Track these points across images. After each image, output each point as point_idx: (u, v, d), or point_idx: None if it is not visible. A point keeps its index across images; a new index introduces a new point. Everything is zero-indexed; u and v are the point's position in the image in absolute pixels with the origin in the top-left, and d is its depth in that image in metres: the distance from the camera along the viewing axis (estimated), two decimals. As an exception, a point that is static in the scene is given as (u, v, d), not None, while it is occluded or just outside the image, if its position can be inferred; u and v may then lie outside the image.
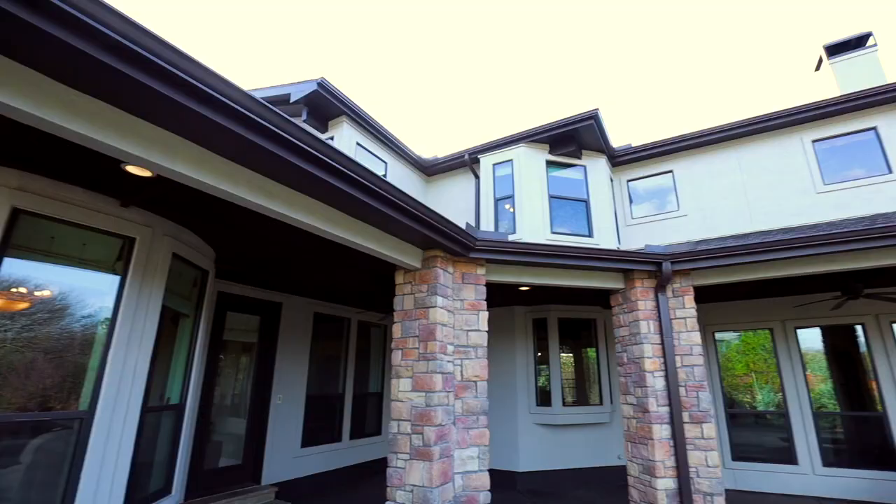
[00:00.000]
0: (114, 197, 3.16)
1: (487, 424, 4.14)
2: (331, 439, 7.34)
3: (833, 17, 37.17)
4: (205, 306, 4.35)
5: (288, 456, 6.43)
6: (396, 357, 4.13)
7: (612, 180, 8.55)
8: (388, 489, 3.88)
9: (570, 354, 8.20)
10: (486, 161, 8.30)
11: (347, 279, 6.01)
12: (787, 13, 41.37)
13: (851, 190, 7.02)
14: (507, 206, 7.78)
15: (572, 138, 7.72)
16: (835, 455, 6.84)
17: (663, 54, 48.44)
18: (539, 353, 7.80)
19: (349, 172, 2.66)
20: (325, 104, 7.01)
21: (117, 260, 3.26)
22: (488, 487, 4.02)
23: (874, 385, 6.78)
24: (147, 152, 2.06)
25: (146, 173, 2.54)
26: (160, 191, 2.96)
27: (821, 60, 8.75)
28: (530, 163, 7.80)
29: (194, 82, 1.79)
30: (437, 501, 3.68)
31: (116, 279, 3.23)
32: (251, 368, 6.42)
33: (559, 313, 7.78)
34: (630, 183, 8.79)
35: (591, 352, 8.14)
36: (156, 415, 3.68)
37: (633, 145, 8.55)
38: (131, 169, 2.51)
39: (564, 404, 7.55)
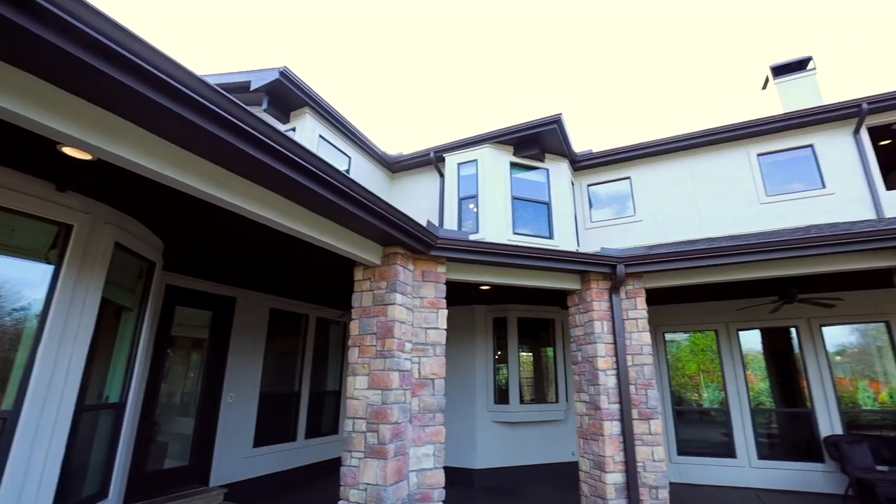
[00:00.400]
0: (49, 180, 2.95)
1: (444, 422, 4.16)
2: (285, 438, 7.16)
3: (784, 39, 39.72)
4: (150, 300, 4.14)
5: (239, 456, 6.22)
6: (353, 354, 4.08)
7: (573, 184, 8.79)
8: (342, 488, 3.83)
9: (530, 353, 8.38)
10: (452, 160, 8.33)
11: (305, 275, 5.87)
12: (742, 33, 43.85)
13: (790, 202, 7.54)
14: (472, 206, 7.84)
15: (536, 141, 7.89)
16: (769, 449, 7.32)
17: (626, 64, 50.25)
18: (499, 352, 7.92)
19: (305, 164, 2.59)
20: (287, 94, 6.82)
21: (51, 248, 3.04)
22: (443, 484, 4.04)
23: (805, 383, 7.27)
24: (85, 133, 1.94)
25: (85, 156, 2.38)
26: (102, 176, 2.79)
27: (767, 80, 9.34)
28: (495, 164, 7.90)
29: (136, 60, 1.69)
30: (390, 499, 3.66)
31: (50, 269, 3.01)
32: (202, 366, 6.15)
33: (519, 313, 7.92)
34: (590, 187, 9.08)
35: (549, 351, 8.35)
36: (92, 414, 3.47)
37: (594, 151, 8.83)
38: (68, 151, 2.35)
39: (522, 402, 7.70)
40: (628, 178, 8.76)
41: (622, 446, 4.90)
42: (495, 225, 7.49)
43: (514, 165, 8.03)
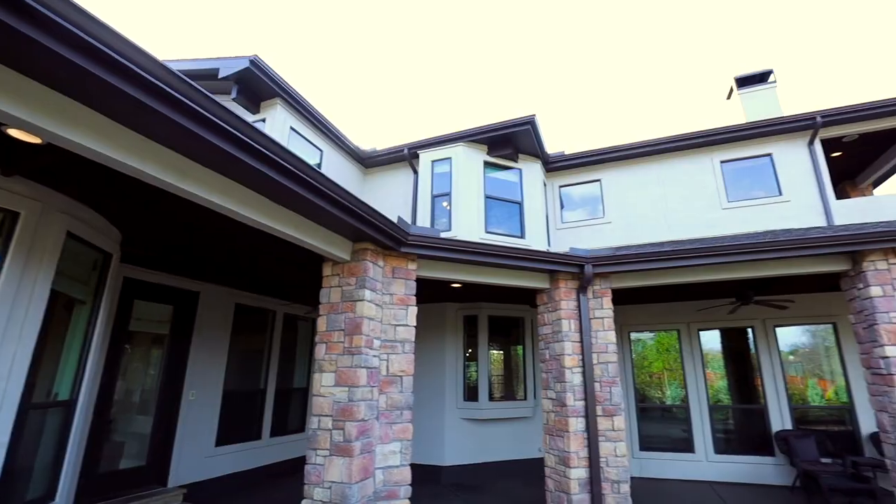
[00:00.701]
0: (-7, 164, 2.77)
1: (411, 419, 4.16)
2: (250, 437, 7.01)
3: (749, 51, 41.38)
4: (106, 293, 3.96)
5: (200, 455, 6.05)
6: (320, 351, 4.02)
7: (545, 185, 8.93)
8: (306, 487, 3.78)
9: (500, 351, 8.47)
10: (426, 157, 8.31)
11: (273, 270, 5.75)
12: (711, 43, 45.44)
13: (750, 208, 7.88)
14: (445, 204, 7.85)
15: (510, 141, 7.96)
16: (725, 443, 7.68)
17: (600, 69, 51.31)
18: (469, 350, 7.98)
19: (270, 154, 2.53)
20: (257, 84, 6.64)
21: (-5, 237, 2.86)
22: (409, 482, 4.04)
23: (759, 381, 7.63)
24: (33, 115, 1.83)
25: (34, 139, 2.25)
26: (53, 161, 2.65)
27: (732, 90, 9.72)
28: (469, 162, 7.93)
29: (89, 39, 1.61)
30: (355, 497, 3.63)
31: (-7, 258, 2.83)
32: (162, 362, 5.94)
33: (490, 311, 8.00)
34: (562, 188, 9.24)
35: (519, 349, 8.47)
36: (40, 413, 3.30)
37: (567, 153, 8.99)
38: (14, 133, 2.21)
39: (491, 399, 7.79)
40: (599, 180, 8.97)
41: (586, 442, 5.02)
42: (468, 223, 7.53)
43: (487, 164, 8.08)
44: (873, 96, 7.82)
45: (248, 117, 6.89)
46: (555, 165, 8.92)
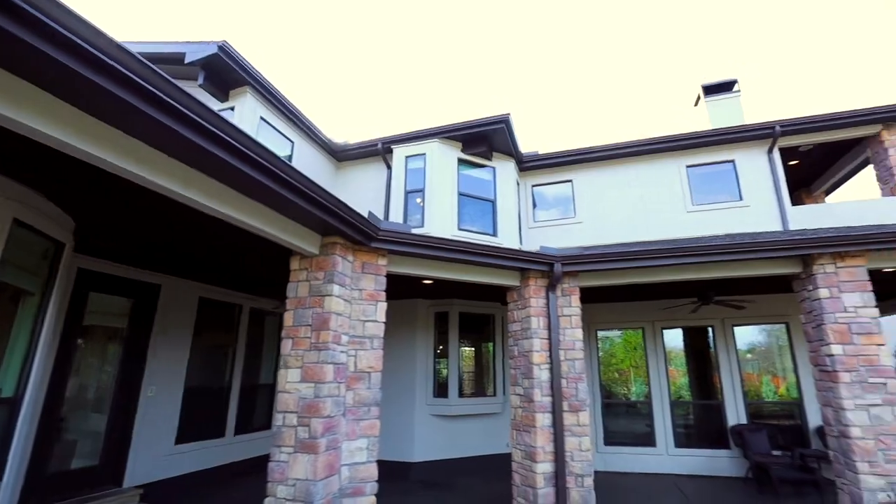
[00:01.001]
0: (-71, 144, 2.58)
1: (379, 416, 4.13)
2: (213, 434, 6.83)
3: (718, 60, 42.86)
4: (57, 284, 3.77)
5: (159, 454, 5.85)
6: (286, 346, 3.95)
7: (518, 184, 9.02)
8: (269, 484, 3.71)
9: (471, 348, 8.52)
10: (400, 152, 8.26)
11: (239, 263, 5.60)
12: (682, 51, 46.80)
13: (713, 211, 8.20)
14: (418, 200, 7.83)
15: (484, 139, 8.00)
16: (685, 438, 8.00)
17: (574, 72, 52.13)
18: (440, 347, 7.99)
19: (234, 143, 2.46)
20: (226, 71, 6.44)
21: (-69, 222, 2.67)
22: (376, 478, 4.03)
23: (717, 378, 7.93)
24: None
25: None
26: (-3, 143, 2.48)
27: (699, 97, 10.04)
28: (443, 159, 7.93)
29: (27, 7, 1.50)
30: (320, 495, 3.59)
31: (-72, 245, 2.64)
32: (119, 358, 5.70)
33: (461, 308, 8.05)
34: (535, 188, 9.37)
35: (490, 346, 8.54)
36: (-20, 410, 3.10)
37: (540, 153, 9.10)
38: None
39: (461, 396, 7.85)
40: (570, 180, 9.15)
41: (552, 437, 5.12)
42: (441, 220, 7.53)
43: (461, 162, 8.10)
44: (829, 108, 8.23)
45: (216, 105, 6.67)
46: (528, 165, 9.03)
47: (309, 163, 8.17)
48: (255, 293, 7.52)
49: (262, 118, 7.03)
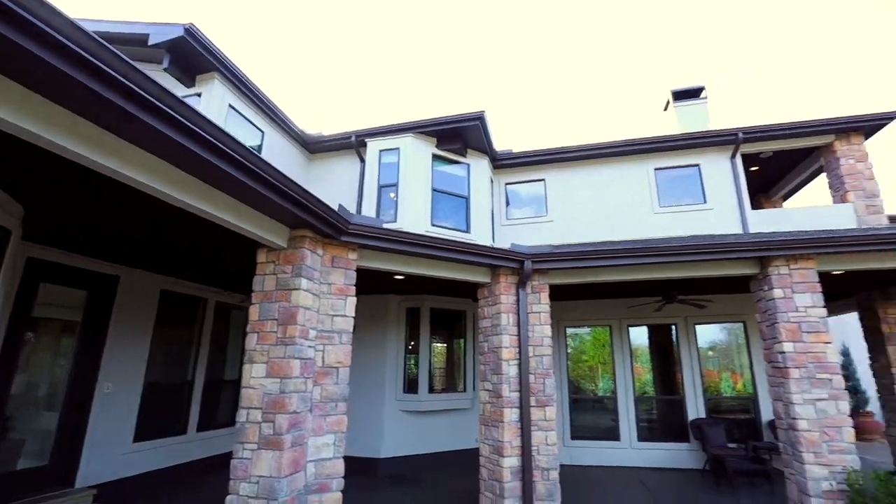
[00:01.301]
0: None
1: (346, 411, 4.10)
2: (174, 432, 6.63)
3: (687, 67, 44.24)
4: (2, 274, 3.56)
5: (115, 453, 5.64)
6: (251, 341, 3.87)
7: (492, 181, 9.08)
8: (232, 482, 3.62)
9: (443, 344, 8.55)
10: (374, 146, 8.18)
11: (203, 255, 5.43)
12: (654, 56, 48.00)
13: (679, 213, 8.48)
14: (392, 195, 7.78)
15: (459, 136, 8.02)
16: (648, 432, 8.28)
17: (549, 72, 52.77)
18: (412, 342, 7.98)
19: (196, 129, 2.37)
20: (193, 55, 6.21)
21: None
22: (342, 474, 4.00)
23: (679, 374, 8.23)
24: None
25: None
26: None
27: (668, 102, 10.34)
28: (417, 154, 7.89)
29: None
30: (284, 491, 3.54)
31: None
32: (73, 352, 5.44)
33: (433, 304, 8.07)
34: (508, 186, 9.46)
35: (461, 342, 8.59)
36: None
37: (514, 151, 9.19)
38: None
39: (432, 391, 7.89)
40: (543, 179, 9.30)
41: (520, 432, 5.20)
42: (415, 215, 7.51)
43: (436, 157, 8.10)
44: (791, 117, 8.64)
45: (182, 91, 6.42)
46: (502, 163, 9.10)
47: (280, 154, 7.99)
48: (221, 286, 7.31)
49: (231, 106, 6.82)
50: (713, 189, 8.40)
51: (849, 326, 9.36)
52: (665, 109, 10.65)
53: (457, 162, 8.37)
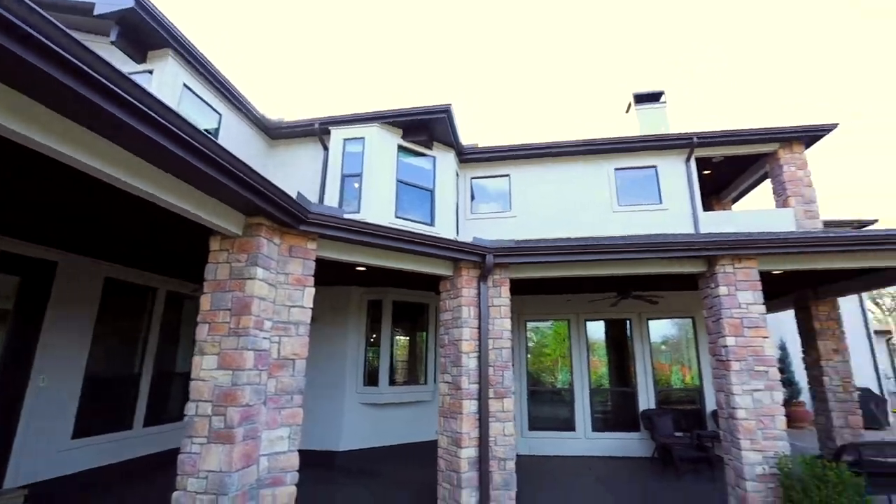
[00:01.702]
0: None
1: (302, 404, 4.02)
2: (119, 427, 6.34)
3: (654, 70, 45.65)
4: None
5: (51, 450, 5.31)
6: (202, 332, 3.73)
7: (457, 175, 9.09)
8: (179, 477, 3.49)
9: (405, 337, 8.54)
10: (338, 134, 8.01)
11: (151, 241, 5.15)
12: (618, 59, 49.24)
13: (636, 212, 8.82)
14: (356, 185, 7.65)
15: (425, 128, 7.98)
16: (602, 422, 8.63)
17: (517, 70, 53.26)
18: (373, 335, 7.92)
19: (137, 103, 2.23)
20: (144, 29, 5.86)
21: None
22: (297, 468, 3.93)
23: (632, 367, 8.57)
24: None
25: None
26: None
27: (630, 105, 10.68)
28: (382, 144, 7.80)
29: None
30: (235, 486, 3.44)
31: None
32: (3, 343, 5.06)
33: (395, 296, 8.07)
34: (473, 180, 9.55)
35: (423, 335, 8.60)
36: None
37: (480, 146, 9.24)
38: None
39: (393, 384, 7.90)
40: (508, 175, 9.44)
41: (478, 423, 5.28)
42: (379, 206, 7.43)
43: (401, 149, 8.06)
44: (742, 124, 9.13)
45: (131, 66, 6.05)
46: (468, 157, 9.16)
47: (238, 138, 7.70)
48: (173, 275, 6.98)
49: (185, 85, 6.50)
50: (669, 190, 8.79)
51: (784, 325, 9.97)
52: (627, 112, 11.02)
53: (422, 154, 8.35)
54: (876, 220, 11.47)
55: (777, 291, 7.46)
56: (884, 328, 16.07)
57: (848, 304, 10.45)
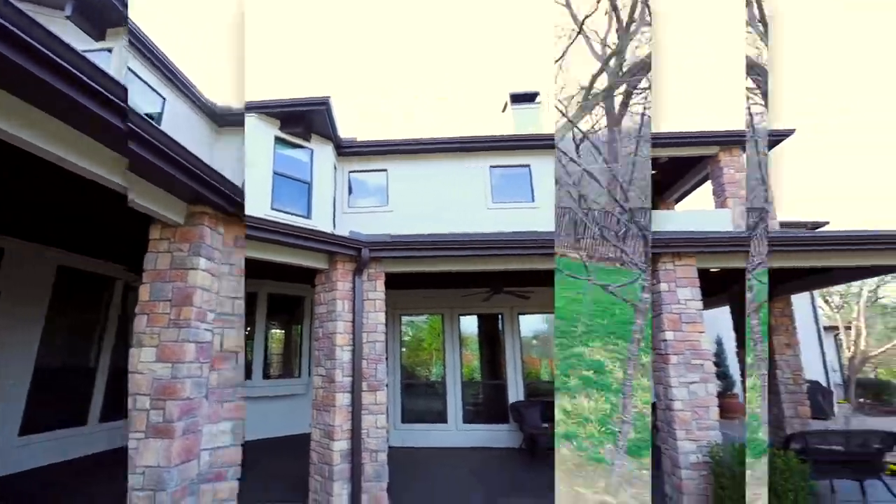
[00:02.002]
0: None
1: (245, 396, 3.20)
2: (72, 423, 6.04)
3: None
4: None
5: (-2, 447, 4.09)
6: (140, 323, 3.48)
7: (336, 168, 8.94)
8: (130, 473, 2.64)
9: (281, 330, 8.52)
10: (212, 126, 9.38)
11: (106, 228, 3.98)
12: (498, 60, 40.77)
13: (509, 210, 8.83)
14: (229, 174, 6.38)
15: (304, 120, 7.84)
16: (474, 414, 8.63)
17: (397, 67, 41.99)
18: (247, 328, 7.65)
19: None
20: (103, 6, 4.48)
21: None
22: (240, 462, 3.69)
23: (503, 361, 8.79)
24: None
25: None
26: None
27: (506, 104, 10.62)
28: (258, 135, 7.44)
29: None
30: (175, 481, 2.87)
31: None
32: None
33: (271, 289, 7.91)
34: (351, 174, 9.15)
35: (299, 328, 8.65)
36: None
37: (358, 140, 9.12)
38: None
39: (267, 377, 7.83)
40: (385, 170, 9.04)
41: (350, 416, 5.03)
42: (254, 197, 6.89)
43: (279, 140, 7.60)
44: (686, 127, 7.83)
45: (89, 44, 4.54)
46: (346, 150, 8.90)
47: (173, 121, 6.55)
48: (130, 266, 5.61)
49: (128, 69, 5.68)
50: (541, 189, 8.71)
51: (720, 321, 9.10)
52: (503, 111, 10.82)
53: (300, 146, 7.90)
54: (828, 222, 10.33)
55: (713, 289, 6.87)
56: (832, 324, 14.05)
57: (800, 301, 8.95)
